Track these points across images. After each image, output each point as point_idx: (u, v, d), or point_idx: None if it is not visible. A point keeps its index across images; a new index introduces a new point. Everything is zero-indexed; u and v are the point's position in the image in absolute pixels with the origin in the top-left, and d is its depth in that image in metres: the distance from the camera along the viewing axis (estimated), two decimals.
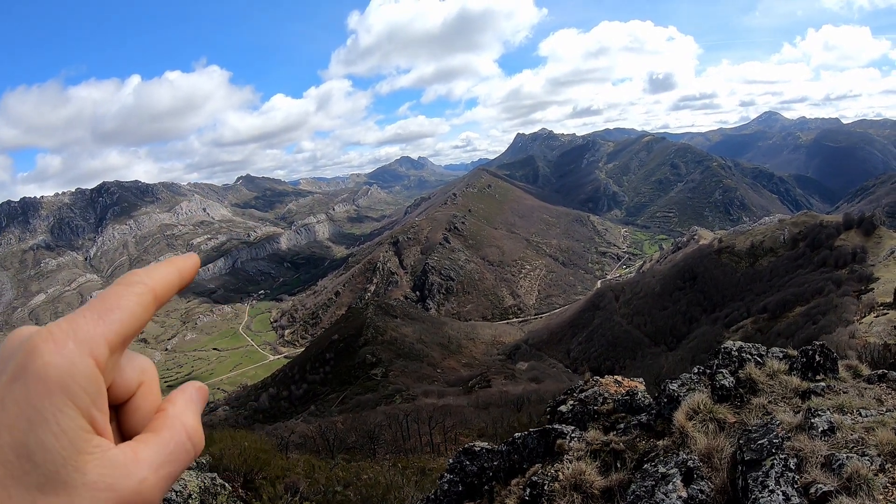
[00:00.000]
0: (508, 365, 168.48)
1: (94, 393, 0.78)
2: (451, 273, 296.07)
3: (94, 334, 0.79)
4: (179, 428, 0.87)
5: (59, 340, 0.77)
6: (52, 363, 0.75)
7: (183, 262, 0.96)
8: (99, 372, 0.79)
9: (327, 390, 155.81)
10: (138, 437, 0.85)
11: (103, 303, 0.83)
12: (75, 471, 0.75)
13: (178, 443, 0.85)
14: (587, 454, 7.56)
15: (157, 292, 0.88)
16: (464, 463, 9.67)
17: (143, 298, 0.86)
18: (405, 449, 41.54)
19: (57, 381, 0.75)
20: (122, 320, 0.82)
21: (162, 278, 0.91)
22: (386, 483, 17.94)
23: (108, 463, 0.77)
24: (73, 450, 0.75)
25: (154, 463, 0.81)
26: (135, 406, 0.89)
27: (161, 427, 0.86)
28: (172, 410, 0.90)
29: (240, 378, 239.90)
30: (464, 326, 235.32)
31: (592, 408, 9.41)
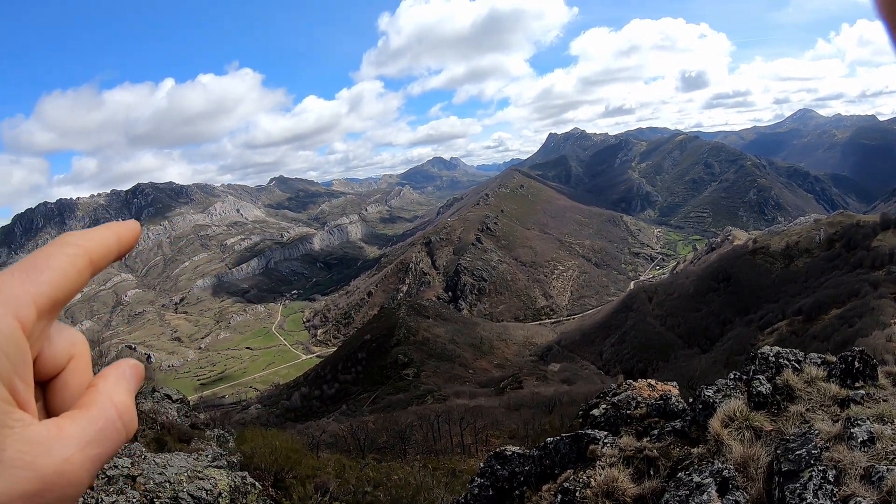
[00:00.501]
0: (540, 366, 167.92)
1: (16, 359, 0.68)
2: (484, 273, 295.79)
3: (21, 293, 0.71)
4: (109, 405, 0.77)
5: None
6: None
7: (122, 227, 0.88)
8: (24, 336, 0.70)
9: (359, 390, 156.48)
10: (65, 414, 0.75)
11: (33, 262, 0.74)
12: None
13: (108, 420, 0.75)
14: (620, 460, 7.44)
15: (92, 256, 0.80)
16: (495, 467, 9.59)
17: (77, 261, 0.77)
18: (436, 450, 41.51)
19: None
20: (52, 282, 0.74)
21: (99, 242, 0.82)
22: (416, 484, 17.89)
23: (29, 439, 0.67)
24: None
25: (80, 441, 0.71)
26: (63, 382, 0.79)
27: (90, 403, 0.76)
28: (103, 386, 0.80)
29: (272, 377, 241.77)
30: (496, 327, 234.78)
31: (625, 412, 9.29)
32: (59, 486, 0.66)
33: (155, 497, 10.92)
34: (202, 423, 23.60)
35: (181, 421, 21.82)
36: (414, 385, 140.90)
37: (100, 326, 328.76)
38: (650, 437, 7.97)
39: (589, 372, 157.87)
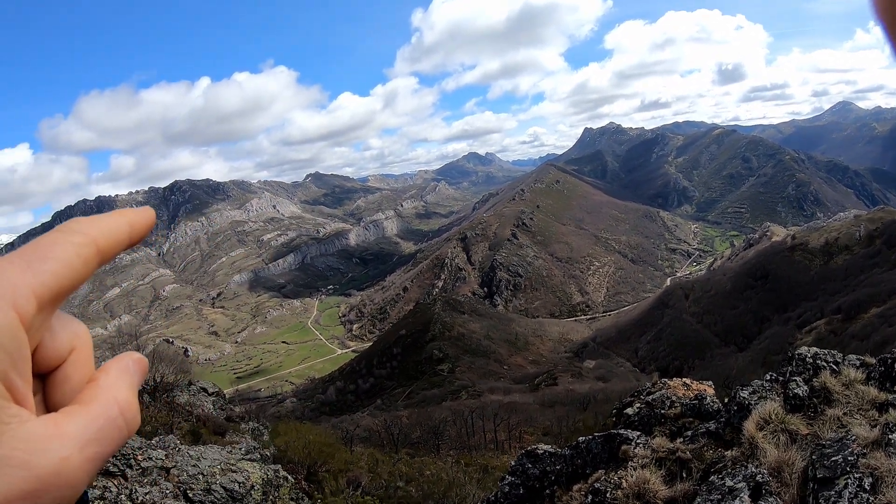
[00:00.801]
0: (575, 363, 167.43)
1: (13, 352, 0.63)
2: (519, 269, 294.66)
3: (20, 284, 0.65)
4: (111, 401, 0.71)
5: None
6: None
7: (135, 214, 0.83)
8: (22, 328, 0.64)
9: (394, 385, 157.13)
10: (64, 409, 0.70)
11: (35, 250, 0.69)
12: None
13: (109, 418, 0.70)
14: (652, 462, 7.35)
15: (100, 245, 0.74)
16: (526, 466, 9.54)
17: (83, 251, 0.71)
18: (469, 446, 41.52)
19: None
20: (55, 272, 0.68)
21: (108, 230, 0.76)
22: (448, 480, 17.90)
23: (25, 436, 0.62)
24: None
25: (79, 439, 0.66)
26: (64, 375, 0.74)
27: (90, 399, 0.71)
28: (105, 381, 0.74)
29: (307, 371, 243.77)
30: (531, 323, 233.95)
31: (659, 411, 9.20)
32: (56, 486, 0.61)
33: (188, 489, 11.03)
34: (237, 417, 23.84)
35: (217, 414, 22.07)
36: (448, 380, 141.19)
37: (138, 320, 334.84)
38: (683, 438, 7.87)
39: (624, 369, 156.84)
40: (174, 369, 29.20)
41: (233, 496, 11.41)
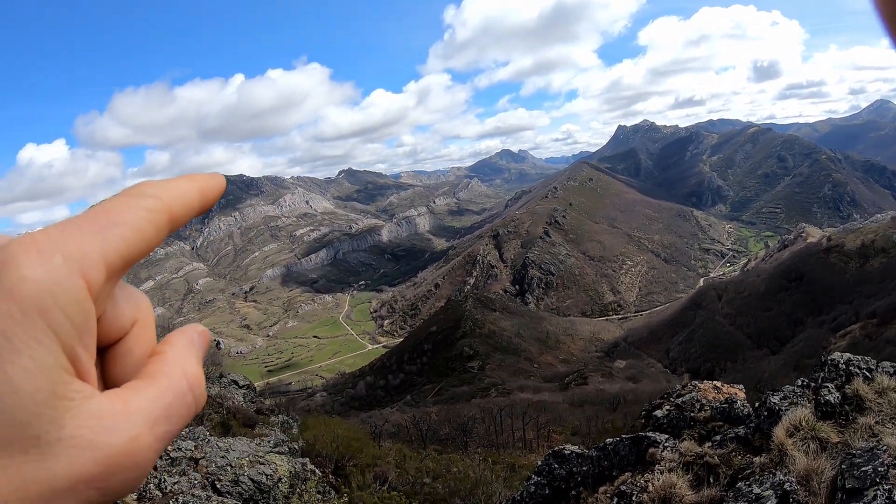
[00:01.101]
0: (606, 363, 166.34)
1: (80, 324, 0.58)
2: (551, 267, 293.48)
3: (90, 250, 0.60)
4: (179, 376, 0.67)
5: (43, 251, 0.58)
6: (31, 278, 0.56)
7: (206, 180, 0.77)
8: (90, 298, 0.60)
9: (423, 381, 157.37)
10: (129, 385, 0.65)
11: (105, 214, 0.64)
12: (50, 422, 0.55)
13: (178, 394, 0.66)
14: (679, 466, 7.30)
15: (173, 212, 0.70)
16: (552, 466, 9.52)
17: (155, 217, 0.67)
18: (497, 444, 41.44)
19: (35, 302, 0.55)
20: (126, 238, 0.63)
21: (181, 196, 0.72)
22: (475, 478, 17.90)
23: (92, 414, 0.58)
24: (50, 394, 0.55)
25: (149, 417, 0.62)
26: (126, 349, 0.69)
27: (157, 373, 0.67)
28: (172, 355, 0.70)
29: (338, 365, 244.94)
30: (562, 322, 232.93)
31: (689, 414, 9.14)
32: (125, 468, 0.58)
33: (216, 480, 11.15)
34: (267, 409, 24.02)
35: (247, 406, 22.25)
36: (478, 378, 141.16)
37: (171, 313, 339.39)
38: (712, 442, 7.80)
39: (655, 370, 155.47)
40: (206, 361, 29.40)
41: (260, 488, 11.52)
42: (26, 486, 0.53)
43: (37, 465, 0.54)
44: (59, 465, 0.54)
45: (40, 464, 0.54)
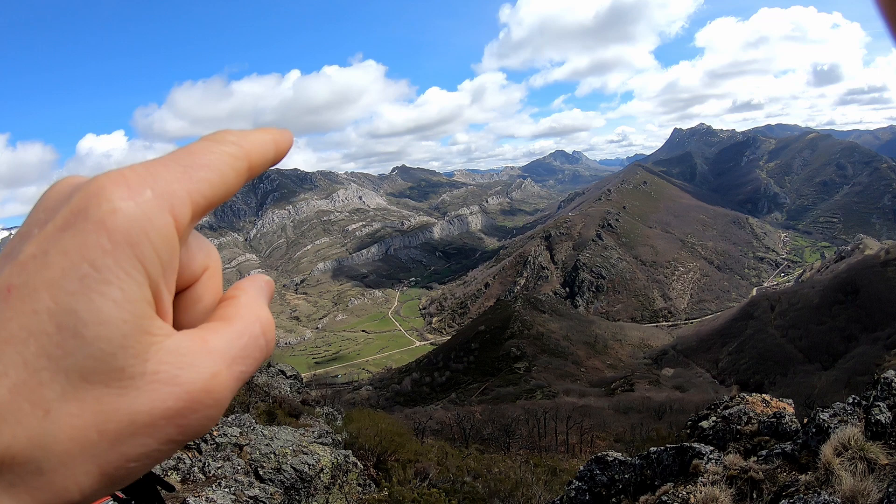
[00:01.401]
0: (654, 370, 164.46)
1: (167, 261, 0.59)
2: (602, 271, 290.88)
3: (178, 188, 0.61)
4: (254, 319, 0.68)
5: (134, 185, 0.58)
6: (122, 210, 0.56)
7: (280, 134, 0.76)
8: (176, 236, 0.60)
9: (469, 380, 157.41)
10: (207, 325, 0.66)
11: (191, 156, 0.64)
12: (134, 356, 0.55)
13: (253, 336, 0.66)
14: (723, 479, 7.24)
15: (252, 160, 0.69)
16: (594, 472, 9.51)
17: (237, 163, 0.67)
18: (539, 446, 41.31)
19: (126, 235, 0.56)
20: (210, 181, 0.64)
21: (259, 146, 0.71)
22: (515, 479, 17.89)
23: (174, 351, 0.58)
24: (136, 327, 0.55)
25: (227, 356, 0.62)
26: (196, 295, 0.70)
27: (233, 316, 0.67)
28: (245, 299, 0.71)
29: (385, 360, 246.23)
30: (611, 326, 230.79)
31: (735, 426, 9.04)
32: (205, 404, 0.58)
33: (259, 467, 11.34)
34: (313, 400, 24.31)
35: (293, 396, 22.56)
36: (524, 379, 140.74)
37: None
38: (757, 457, 7.69)
39: (703, 380, 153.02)
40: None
41: (302, 477, 11.68)
42: (106, 419, 0.53)
43: (118, 398, 0.54)
44: (141, 400, 0.54)
45: (121, 398, 0.54)
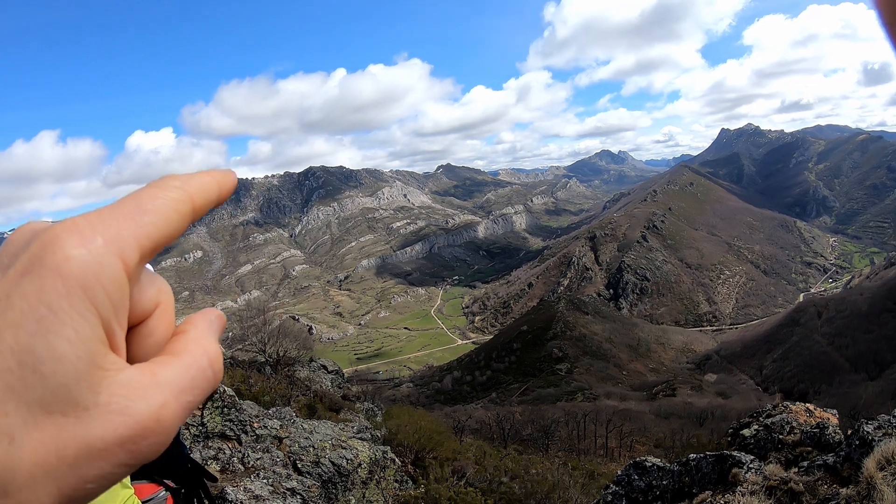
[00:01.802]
0: (696, 375, 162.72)
1: (118, 301, 0.65)
2: (647, 273, 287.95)
3: (126, 234, 0.66)
4: (202, 352, 0.72)
5: (85, 234, 0.63)
6: (75, 257, 0.61)
7: (222, 175, 0.82)
8: (126, 278, 0.65)
9: (510, 380, 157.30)
10: (157, 359, 0.70)
11: (137, 203, 0.70)
12: (88, 389, 0.60)
13: (201, 368, 0.71)
14: (762, 490, 7.16)
15: (195, 202, 0.75)
16: (632, 477, 9.48)
17: (181, 206, 0.73)
18: (578, 449, 41.21)
19: (79, 279, 0.61)
20: (156, 224, 0.69)
21: (202, 189, 0.77)
22: (552, 481, 17.85)
23: (125, 383, 0.63)
24: (89, 363, 0.61)
25: (175, 388, 0.67)
26: (149, 329, 0.74)
27: (182, 350, 0.72)
28: (195, 334, 0.75)
29: (426, 358, 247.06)
30: (655, 329, 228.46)
31: (777, 436, 8.94)
32: (154, 432, 0.63)
33: (297, 459, 11.51)
34: (353, 396, 24.56)
35: (334, 391, 22.82)
36: (565, 381, 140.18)
37: (267, 297, 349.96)
38: (799, 468, 7.59)
39: (746, 387, 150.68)
40: (297, 345, 30.35)
41: (340, 471, 11.83)
42: (64, 445, 0.58)
43: (74, 426, 0.59)
44: (95, 428, 0.59)
45: (78, 426, 0.59)
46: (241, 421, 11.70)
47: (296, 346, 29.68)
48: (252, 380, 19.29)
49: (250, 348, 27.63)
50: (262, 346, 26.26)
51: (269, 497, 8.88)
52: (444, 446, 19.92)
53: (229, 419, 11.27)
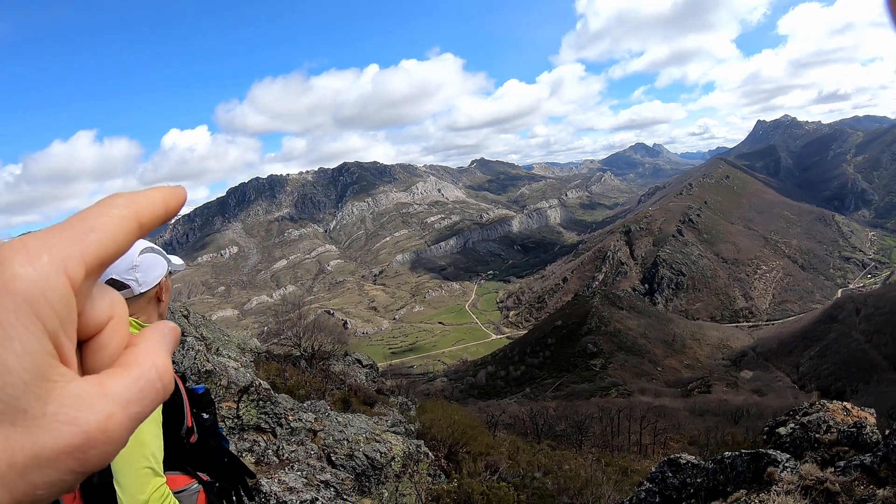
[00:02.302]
0: (732, 372, 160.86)
1: (64, 315, 0.66)
2: (683, 268, 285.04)
3: (72, 252, 0.67)
4: (150, 365, 0.73)
5: (32, 252, 0.65)
6: (21, 275, 0.63)
7: (170, 192, 0.82)
8: (72, 293, 0.67)
9: (544, 375, 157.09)
10: (106, 372, 0.71)
11: (83, 221, 0.71)
12: (36, 400, 0.62)
13: (149, 380, 0.72)
14: (797, 489, 7.12)
15: (141, 219, 0.76)
16: (666, 474, 9.47)
17: (126, 224, 0.74)
18: (612, 445, 40.99)
19: (25, 296, 0.63)
20: (102, 242, 0.70)
21: (148, 206, 0.78)
22: (585, 477, 17.86)
23: (73, 394, 0.64)
24: (36, 375, 0.62)
25: (122, 399, 0.68)
26: (102, 342, 0.75)
27: (131, 363, 0.73)
28: (144, 347, 0.76)
29: (460, 353, 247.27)
30: (690, 325, 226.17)
31: (814, 435, 8.86)
32: (101, 442, 0.64)
33: (332, 452, 11.67)
34: (387, 390, 24.77)
35: (368, 385, 23.02)
36: (599, 376, 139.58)
37: (302, 291, 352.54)
38: (835, 468, 7.53)
39: (782, 385, 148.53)
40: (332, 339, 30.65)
41: (373, 464, 11.96)
42: (13, 453, 0.60)
43: (23, 435, 0.61)
44: (44, 437, 0.61)
45: (26, 435, 0.61)
46: (276, 414, 11.88)
47: (331, 340, 29.97)
48: (287, 373, 19.53)
49: (285, 342, 27.96)
50: (297, 341, 26.57)
51: (302, 489, 9.01)
52: (477, 441, 20.01)
53: (264, 412, 11.44)
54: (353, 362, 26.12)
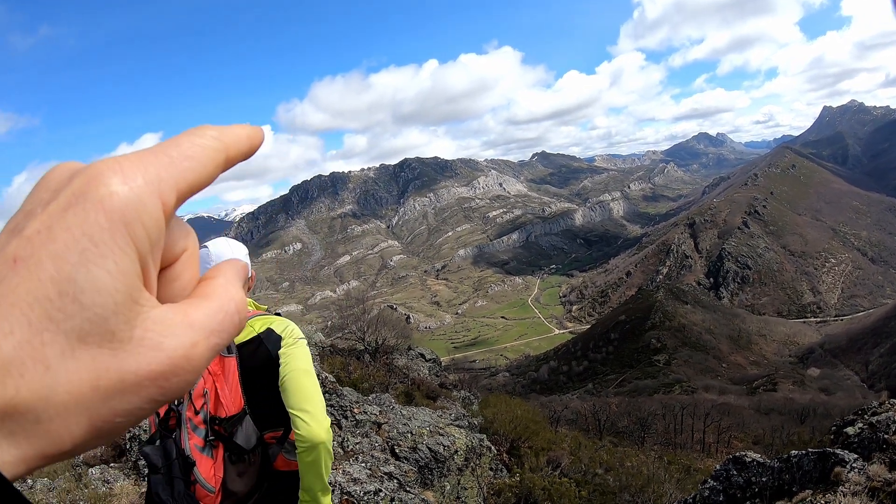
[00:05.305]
0: (799, 369, 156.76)
1: (155, 239, 0.65)
2: (748, 261, 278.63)
3: (166, 176, 0.66)
4: (229, 298, 0.73)
5: (128, 172, 0.63)
6: (119, 193, 0.62)
7: (254, 130, 0.80)
8: (163, 217, 0.66)
9: (607, 370, 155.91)
10: (188, 301, 0.70)
11: (177, 148, 0.69)
12: (125, 322, 0.60)
13: (228, 313, 0.71)
14: (864, 490, 7.10)
15: (229, 154, 0.75)
16: (731, 472, 9.48)
17: (216, 156, 0.72)
18: (674, 443, 40.63)
19: (121, 215, 0.61)
20: (194, 170, 0.69)
21: (235, 141, 0.76)
22: (647, 475, 17.79)
23: (159, 320, 0.63)
24: (127, 297, 0.61)
25: (206, 328, 0.67)
26: (176, 273, 0.74)
27: (212, 294, 0.72)
28: (223, 280, 0.75)
29: (523, 347, 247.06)
30: (756, 320, 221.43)
31: (883, 435, 8.76)
32: (184, 370, 0.63)
33: (395, 445, 11.96)
34: (450, 384, 25.02)
35: (431, 379, 23.32)
36: (663, 372, 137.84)
37: (365, 286, 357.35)
38: None
39: (851, 383, 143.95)
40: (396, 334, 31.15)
41: (436, 457, 12.20)
42: (99, 376, 0.58)
43: (109, 358, 0.59)
44: (129, 361, 0.60)
45: (112, 358, 0.59)
46: (342, 406, 12.23)
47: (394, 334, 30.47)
48: (351, 367, 19.96)
49: (350, 337, 28.54)
50: (361, 335, 27.11)
51: (366, 480, 9.27)
52: (539, 436, 20.09)
53: (330, 404, 11.79)
54: (417, 356, 26.49)
